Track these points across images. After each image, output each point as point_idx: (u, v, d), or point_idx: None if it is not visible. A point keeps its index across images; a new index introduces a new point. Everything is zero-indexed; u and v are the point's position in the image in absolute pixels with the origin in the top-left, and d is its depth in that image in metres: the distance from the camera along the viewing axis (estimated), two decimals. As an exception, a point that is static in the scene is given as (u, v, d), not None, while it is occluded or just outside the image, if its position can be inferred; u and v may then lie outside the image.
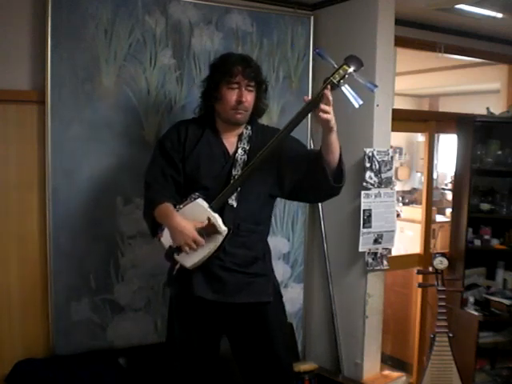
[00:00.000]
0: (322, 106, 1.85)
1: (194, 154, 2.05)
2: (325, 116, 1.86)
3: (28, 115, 2.40)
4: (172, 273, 2.04)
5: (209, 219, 1.91)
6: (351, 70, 1.87)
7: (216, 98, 2.04)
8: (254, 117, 2.13)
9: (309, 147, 3.01)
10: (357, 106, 1.87)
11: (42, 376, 2.33)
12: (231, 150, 2.07)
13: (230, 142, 2.09)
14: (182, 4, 2.62)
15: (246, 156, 2.05)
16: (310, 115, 2.98)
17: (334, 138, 1.94)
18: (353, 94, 1.87)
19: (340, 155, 2.00)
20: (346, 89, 1.88)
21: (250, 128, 2.12)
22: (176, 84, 2.63)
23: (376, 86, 1.92)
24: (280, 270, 3.01)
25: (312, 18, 2.99)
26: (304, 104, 1.91)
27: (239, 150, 2.06)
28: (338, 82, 1.86)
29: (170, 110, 2.62)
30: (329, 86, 1.86)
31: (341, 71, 1.87)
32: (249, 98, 2.03)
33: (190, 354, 2.10)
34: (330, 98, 1.86)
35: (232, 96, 2.00)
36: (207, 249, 1.93)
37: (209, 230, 1.92)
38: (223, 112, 2.05)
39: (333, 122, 1.90)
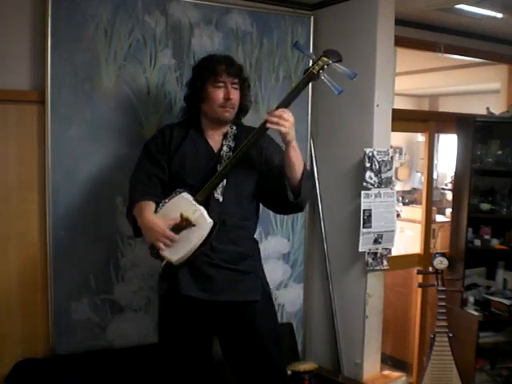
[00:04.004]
0: (269, 118, 1.91)
1: (179, 153, 2.08)
2: (274, 126, 1.91)
3: (28, 115, 2.40)
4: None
5: (181, 214, 1.93)
6: (330, 60, 1.96)
7: (203, 98, 2.06)
8: (238, 116, 2.16)
9: (308, 148, 3.02)
10: (336, 93, 1.96)
11: (42, 376, 2.33)
12: (216, 148, 2.10)
13: (214, 140, 2.11)
14: (182, 4, 2.62)
15: (231, 153, 2.06)
16: (309, 119, 3.03)
17: (292, 154, 1.95)
18: (332, 82, 1.97)
19: (303, 173, 1.99)
20: (325, 78, 1.98)
21: (235, 127, 2.14)
22: (176, 84, 2.63)
23: (355, 74, 1.99)
24: (280, 270, 3.02)
25: (312, 18, 2.99)
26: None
27: (224, 147, 2.08)
28: (318, 72, 1.95)
29: (170, 109, 2.62)
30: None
31: (320, 62, 1.96)
32: (235, 95, 2.07)
33: (181, 355, 2.09)
34: (284, 112, 1.92)
35: (219, 94, 2.03)
36: (193, 242, 1.93)
37: (184, 225, 1.93)
38: (210, 111, 2.07)
39: (289, 137, 1.93)
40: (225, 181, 2.01)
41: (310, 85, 2.99)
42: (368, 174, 2.80)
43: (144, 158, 2.12)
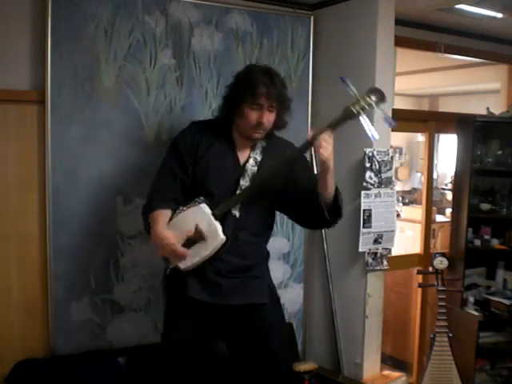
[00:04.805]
0: (320, 139, 1.87)
1: (205, 159, 2.05)
2: (323, 153, 1.86)
3: (28, 115, 2.40)
4: (166, 273, 2.06)
5: (196, 227, 1.92)
6: (373, 102, 1.84)
7: (237, 114, 2.03)
8: (271, 131, 2.10)
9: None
10: (372, 140, 1.86)
11: (41, 376, 2.33)
12: (242, 160, 2.07)
13: (242, 151, 2.08)
14: (182, 4, 2.62)
15: (256, 167, 2.04)
16: (309, 120, 3.02)
17: (329, 177, 1.95)
18: (370, 126, 1.83)
19: (336, 193, 2.00)
20: (364, 120, 1.83)
21: (264, 141, 2.11)
22: (176, 84, 2.63)
23: (395, 122, 1.87)
24: (280, 270, 3.02)
25: (312, 18, 2.99)
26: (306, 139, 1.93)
27: (250, 160, 2.06)
28: (358, 111, 1.84)
29: (170, 110, 2.62)
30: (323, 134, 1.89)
31: (362, 102, 1.84)
32: (270, 118, 2.02)
33: (183, 357, 2.09)
34: (329, 138, 1.88)
35: (253, 116, 1.98)
36: (202, 255, 1.94)
37: (197, 237, 1.93)
38: (242, 128, 2.04)
39: (330, 163, 1.90)
40: None
41: (310, 85, 3.01)
42: (368, 173, 2.80)
43: (171, 155, 2.08)
